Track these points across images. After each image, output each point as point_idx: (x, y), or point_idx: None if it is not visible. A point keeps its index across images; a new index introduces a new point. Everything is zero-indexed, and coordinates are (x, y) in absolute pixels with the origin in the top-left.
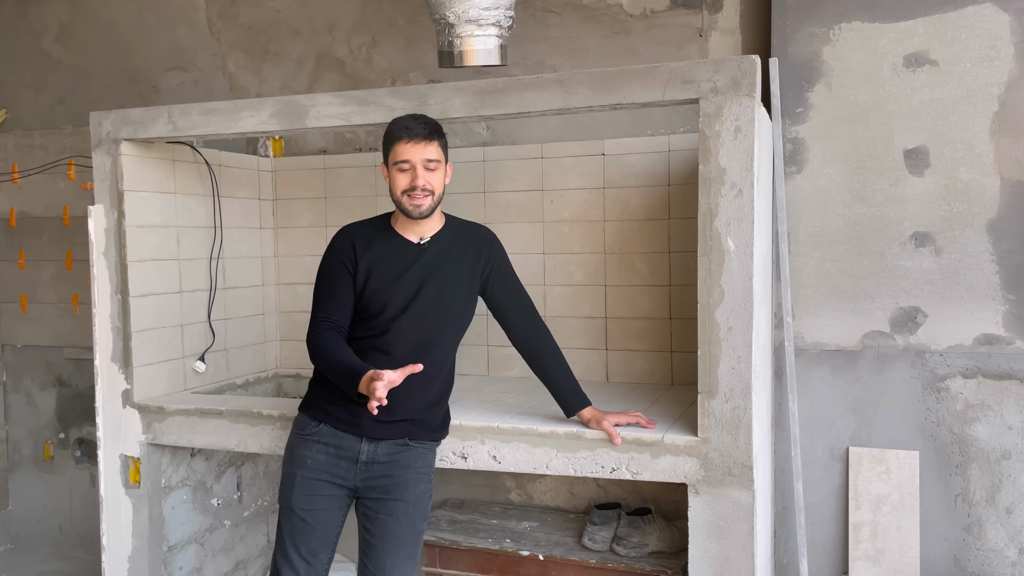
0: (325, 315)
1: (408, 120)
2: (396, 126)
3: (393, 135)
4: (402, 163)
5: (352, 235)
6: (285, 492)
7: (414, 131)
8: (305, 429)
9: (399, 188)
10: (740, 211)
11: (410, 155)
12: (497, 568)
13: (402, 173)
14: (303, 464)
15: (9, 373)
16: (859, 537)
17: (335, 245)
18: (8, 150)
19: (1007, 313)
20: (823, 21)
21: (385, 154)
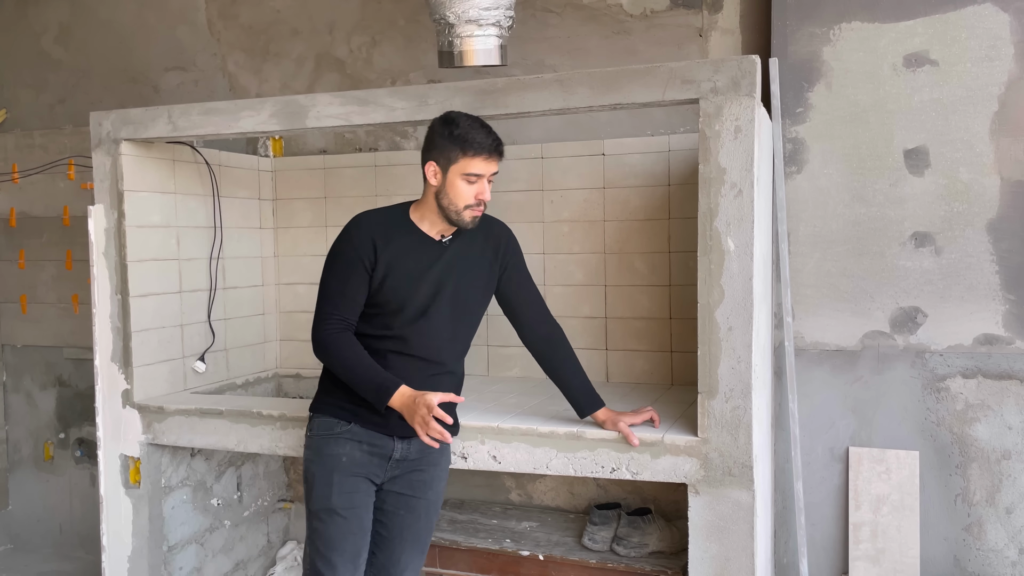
0: (337, 312)
1: (482, 135)
2: (474, 141)
3: (470, 148)
4: (473, 176)
5: (371, 228)
6: (322, 494)
7: (492, 148)
8: (334, 429)
9: (463, 200)
10: (740, 211)
11: (483, 170)
12: (497, 568)
13: (469, 185)
14: (338, 463)
15: (9, 373)
16: (859, 537)
17: (352, 237)
18: (8, 150)
19: (1007, 313)
20: (823, 21)
21: (449, 159)
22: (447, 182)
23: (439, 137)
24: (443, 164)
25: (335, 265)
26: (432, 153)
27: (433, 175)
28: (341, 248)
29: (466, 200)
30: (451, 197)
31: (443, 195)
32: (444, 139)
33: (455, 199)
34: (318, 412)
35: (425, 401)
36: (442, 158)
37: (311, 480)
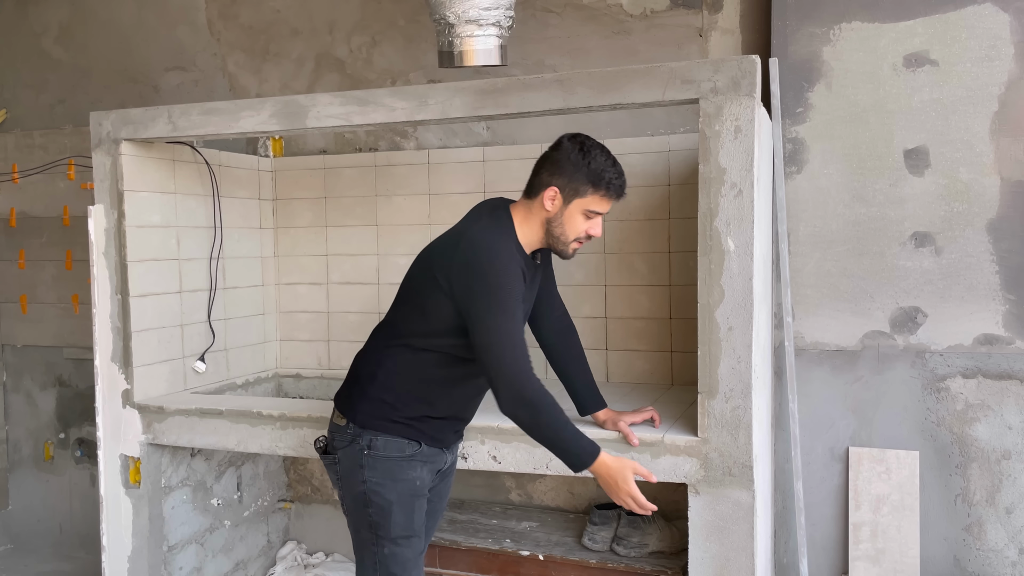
0: (528, 359)
1: (617, 174)
2: (611, 182)
3: (602, 187)
4: (594, 213)
5: (519, 264)
6: (404, 521)
7: (624, 194)
8: (405, 451)
9: (575, 233)
10: (740, 211)
11: (606, 209)
12: (497, 568)
13: (586, 220)
14: (413, 486)
15: (9, 373)
16: (859, 537)
17: (513, 275)
18: (8, 150)
19: (1007, 313)
20: (823, 21)
21: (576, 191)
22: (566, 213)
23: (570, 165)
24: (567, 194)
25: (504, 302)
26: (558, 179)
27: (551, 200)
28: (502, 283)
29: (578, 234)
30: (564, 228)
31: (555, 224)
32: (577, 169)
33: (568, 231)
34: (382, 431)
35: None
36: (569, 188)
37: (385, 506)
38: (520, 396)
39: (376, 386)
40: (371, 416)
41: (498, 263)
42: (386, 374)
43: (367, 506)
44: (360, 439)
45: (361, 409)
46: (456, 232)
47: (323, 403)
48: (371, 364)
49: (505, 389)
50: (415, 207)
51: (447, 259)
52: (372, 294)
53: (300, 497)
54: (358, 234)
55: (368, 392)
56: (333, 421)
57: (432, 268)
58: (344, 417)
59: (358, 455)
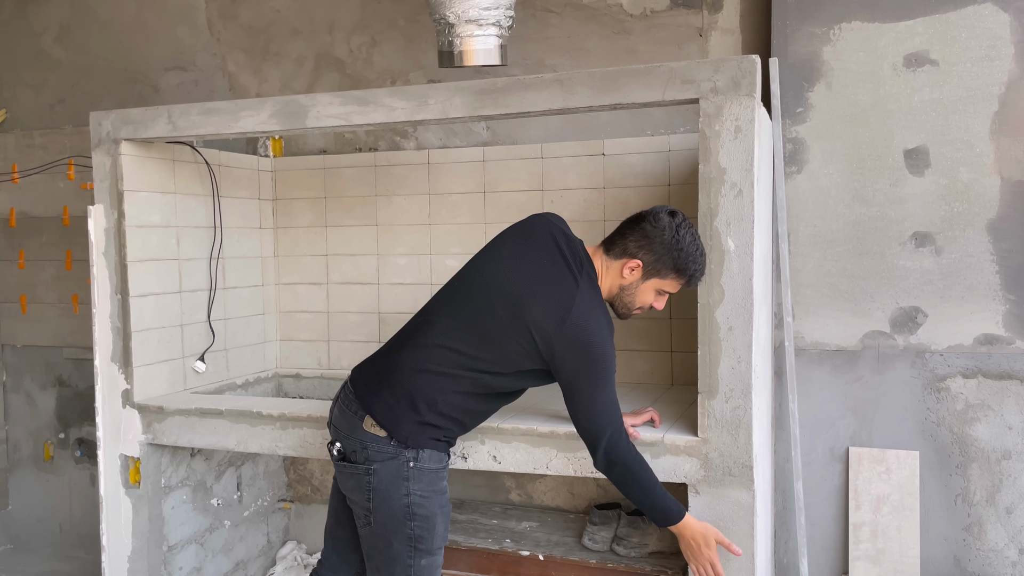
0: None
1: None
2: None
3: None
4: (667, 293)
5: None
6: (443, 532)
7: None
8: (442, 462)
9: (639, 305)
10: (740, 211)
11: (676, 291)
12: (497, 568)
13: (656, 297)
14: (446, 496)
15: (9, 373)
16: (859, 537)
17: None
18: (8, 150)
19: (1007, 313)
20: (823, 21)
21: (658, 271)
22: (641, 286)
23: (661, 245)
24: (648, 271)
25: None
26: (645, 254)
27: (631, 271)
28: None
29: (643, 306)
30: (633, 299)
31: (627, 292)
32: (667, 251)
33: (635, 302)
34: (424, 446)
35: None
36: (652, 266)
37: (431, 518)
38: (617, 459)
39: (434, 412)
40: (422, 436)
41: (606, 344)
42: (446, 401)
43: (410, 519)
44: (405, 452)
45: (412, 429)
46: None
47: (323, 403)
48: (433, 388)
49: (603, 453)
50: (415, 207)
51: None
52: (372, 294)
53: (300, 497)
54: (358, 234)
55: (425, 417)
56: (367, 430)
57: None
58: (384, 430)
59: (402, 468)
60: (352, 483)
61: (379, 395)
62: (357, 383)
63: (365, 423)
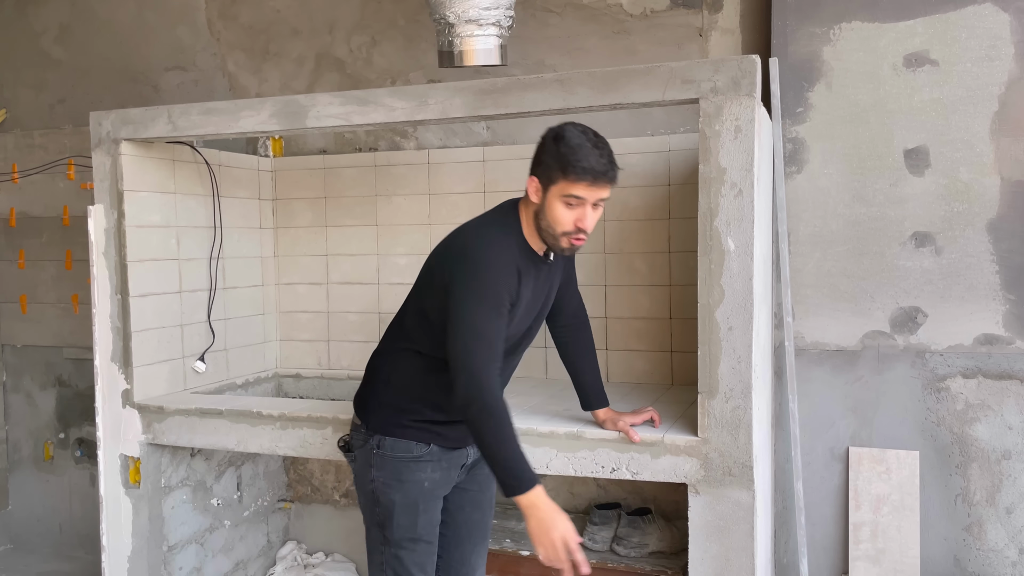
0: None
1: (594, 155)
2: (581, 161)
3: (576, 172)
4: (573, 199)
5: (514, 261)
6: (407, 524)
7: (600, 173)
8: (413, 452)
9: (560, 226)
10: (740, 211)
11: (586, 194)
12: (497, 568)
13: (568, 209)
14: (421, 489)
15: (9, 373)
16: (859, 537)
17: (501, 271)
18: (8, 150)
19: (1007, 313)
20: (823, 21)
21: (550, 176)
22: (546, 203)
23: (545, 153)
24: (544, 182)
25: (486, 300)
26: (536, 168)
27: (534, 192)
28: (490, 282)
29: (564, 226)
30: (549, 220)
31: (542, 216)
32: (549, 155)
33: (553, 223)
34: (389, 434)
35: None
36: (544, 176)
37: (389, 507)
38: (478, 395)
39: (389, 391)
40: (382, 420)
41: (489, 253)
42: (398, 378)
43: (376, 505)
44: (371, 439)
45: (373, 412)
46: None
47: (323, 403)
48: (384, 368)
49: (464, 384)
50: (415, 207)
51: (443, 251)
52: (372, 294)
53: (300, 497)
54: (358, 234)
55: (381, 397)
56: (352, 420)
57: (432, 265)
58: (360, 419)
59: (369, 454)
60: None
61: (358, 390)
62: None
63: (353, 417)
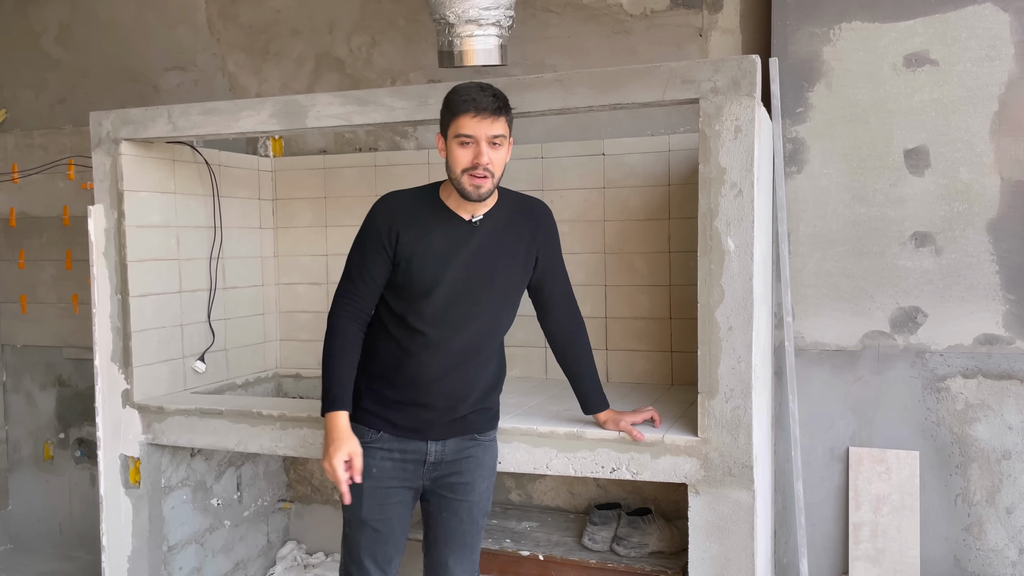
0: (355, 292)
1: (475, 91)
2: (461, 97)
3: (457, 106)
4: (464, 137)
5: (396, 208)
6: (353, 505)
7: (481, 104)
8: (364, 438)
9: (459, 165)
10: (740, 211)
11: (475, 130)
12: (497, 568)
13: (463, 148)
14: (368, 474)
15: (9, 373)
16: (859, 537)
17: (375, 215)
18: (8, 150)
19: (1007, 313)
20: (823, 21)
21: (444, 124)
22: (448, 150)
23: (442, 106)
24: (443, 132)
25: (359, 242)
26: (440, 125)
27: (441, 148)
28: (366, 225)
29: (461, 164)
30: (450, 164)
31: (448, 167)
32: (443, 106)
33: (452, 165)
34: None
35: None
36: (442, 125)
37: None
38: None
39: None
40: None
41: (369, 212)
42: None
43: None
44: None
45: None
46: None
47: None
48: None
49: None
50: None
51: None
52: None
53: (300, 497)
54: None
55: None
56: None
57: None
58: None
59: None
60: None
61: None
62: None
63: None
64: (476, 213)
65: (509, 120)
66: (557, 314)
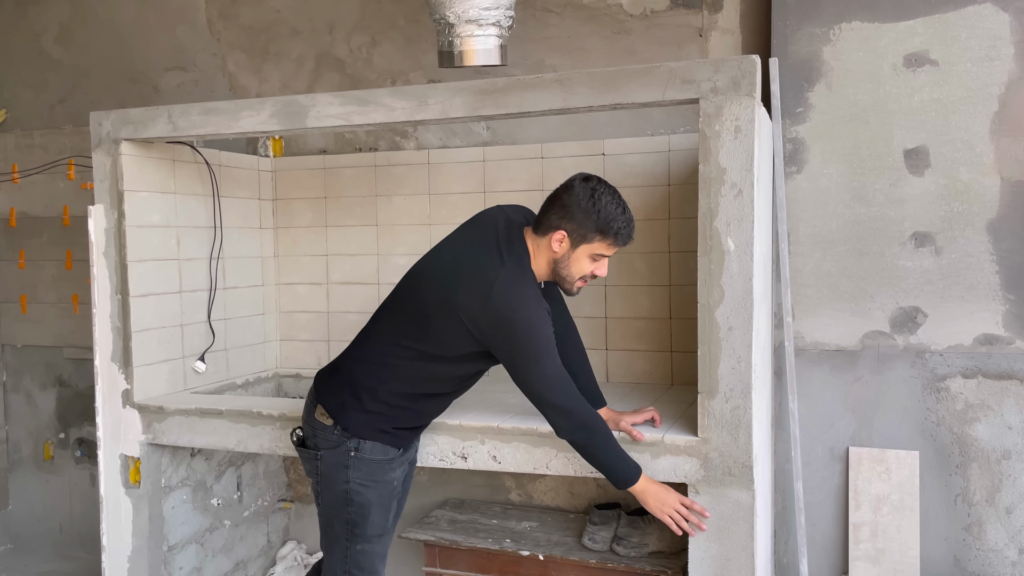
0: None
1: (627, 224)
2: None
3: (610, 236)
4: (601, 256)
5: (544, 307)
6: (381, 521)
7: (629, 238)
8: (388, 454)
9: (580, 273)
10: (740, 211)
11: (612, 252)
12: (497, 568)
13: (594, 263)
14: (392, 488)
15: (9, 373)
16: (859, 537)
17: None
18: (8, 150)
19: (1007, 313)
20: (823, 21)
21: (584, 237)
22: (572, 256)
23: (580, 211)
24: (575, 239)
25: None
26: (567, 223)
27: (558, 243)
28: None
29: (583, 273)
30: (571, 270)
31: (562, 265)
32: (586, 216)
33: (574, 272)
34: (371, 438)
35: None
36: (577, 233)
37: (366, 506)
38: (578, 423)
39: (376, 401)
40: (365, 426)
41: (533, 316)
42: (387, 390)
43: (348, 504)
44: (348, 441)
45: (356, 419)
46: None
47: None
48: (373, 377)
49: (564, 421)
50: (415, 207)
51: (475, 307)
52: (372, 294)
53: (300, 497)
54: (358, 234)
55: (367, 405)
56: (317, 418)
57: (453, 305)
58: (332, 419)
59: (344, 456)
60: (307, 466)
61: (329, 386)
62: (319, 375)
63: (317, 412)
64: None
65: None
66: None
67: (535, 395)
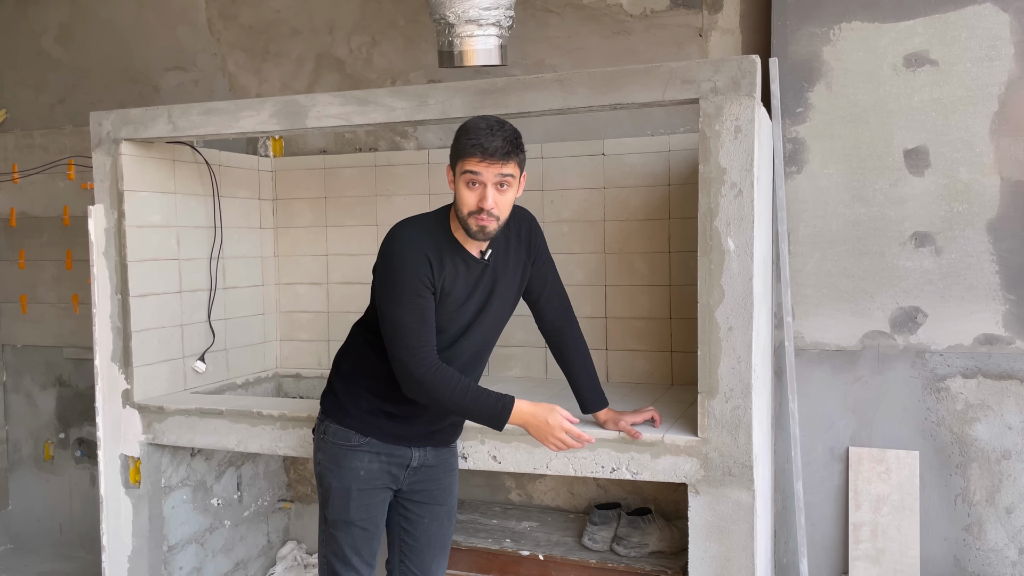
0: (427, 343)
1: (484, 134)
2: (469, 139)
3: (465, 148)
4: (471, 173)
5: (425, 251)
6: (339, 506)
7: (489, 150)
8: (351, 440)
9: (466, 207)
10: (740, 211)
11: (480, 170)
12: (497, 568)
13: (470, 189)
14: (356, 476)
15: (9, 373)
16: (859, 537)
17: (411, 262)
18: (8, 150)
19: (1007, 313)
20: (823, 21)
21: (453, 159)
22: (456, 187)
23: (453, 140)
24: (454, 169)
25: (401, 292)
26: (449, 158)
27: (450, 181)
28: (404, 276)
29: (468, 206)
30: (458, 203)
31: (455, 202)
32: (453, 141)
33: (460, 205)
34: (334, 420)
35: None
36: (451, 162)
37: (327, 489)
38: (413, 379)
39: (339, 379)
40: (331, 406)
41: (398, 251)
42: (348, 368)
43: (320, 485)
44: (322, 424)
45: (327, 401)
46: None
47: None
48: (340, 357)
49: (400, 375)
50: (415, 207)
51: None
52: None
53: (300, 497)
54: (358, 234)
55: (334, 385)
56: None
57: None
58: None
59: (318, 438)
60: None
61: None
62: None
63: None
64: (483, 248)
65: (520, 160)
66: (551, 315)
67: (386, 342)
